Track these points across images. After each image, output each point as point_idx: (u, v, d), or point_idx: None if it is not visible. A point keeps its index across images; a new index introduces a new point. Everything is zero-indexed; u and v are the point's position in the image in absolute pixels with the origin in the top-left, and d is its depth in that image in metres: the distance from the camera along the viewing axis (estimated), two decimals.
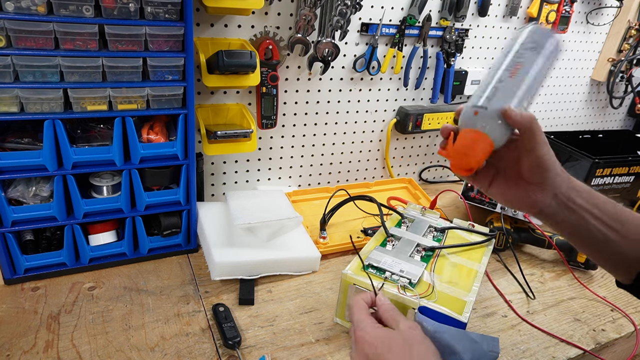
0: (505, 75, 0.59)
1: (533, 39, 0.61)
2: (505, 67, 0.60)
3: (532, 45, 0.60)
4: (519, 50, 0.60)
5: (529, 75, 0.59)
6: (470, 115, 0.58)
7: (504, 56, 0.61)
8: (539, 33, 0.61)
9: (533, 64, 0.60)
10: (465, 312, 0.73)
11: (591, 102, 1.76)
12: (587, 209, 0.57)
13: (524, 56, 0.60)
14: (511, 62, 0.60)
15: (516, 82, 0.58)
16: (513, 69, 0.59)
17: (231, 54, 0.90)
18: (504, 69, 0.60)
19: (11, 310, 0.81)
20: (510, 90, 0.58)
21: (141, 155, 0.86)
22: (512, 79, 0.58)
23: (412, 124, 1.31)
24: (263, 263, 0.93)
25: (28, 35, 0.72)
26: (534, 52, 0.60)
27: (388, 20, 1.19)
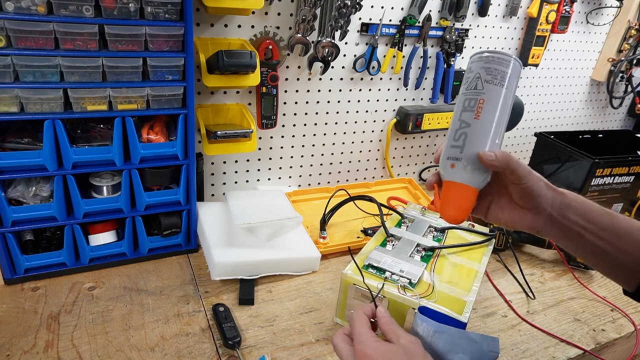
0: (470, 117, 0.58)
1: (489, 68, 0.58)
2: (468, 106, 0.58)
3: (490, 77, 0.58)
4: (477, 85, 0.58)
5: (495, 111, 0.58)
6: (447, 168, 0.59)
7: (464, 94, 0.60)
8: (493, 60, 0.58)
9: (496, 97, 0.58)
10: (465, 312, 0.73)
11: (591, 102, 1.76)
12: (582, 225, 0.58)
13: (484, 91, 0.58)
14: (473, 100, 0.58)
15: (482, 122, 0.57)
16: (476, 108, 0.58)
17: (231, 54, 0.90)
18: (468, 110, 0.58)
19: (11, 310, 0.81)
20: (478, 133, 0.57)
21: (141, 155, 0.86)
22: (478, 120, 0.57)
23: (412, 124, 1.31)
24: (263, 263, 0.93)
25: (28, 35, 0.72)
26: (494, 83, 0.58)
27: (388, 20, 1.19)
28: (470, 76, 0.60)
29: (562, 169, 1.29)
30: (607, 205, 1.27)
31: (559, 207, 0.58)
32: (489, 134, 0.58)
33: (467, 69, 0.61)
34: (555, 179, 1.30)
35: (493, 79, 0.58)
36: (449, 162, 0.59)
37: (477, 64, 0.59)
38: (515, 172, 0.55)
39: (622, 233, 0.57)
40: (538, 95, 1.60)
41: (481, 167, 0.57)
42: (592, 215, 0.58)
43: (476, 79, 0.59)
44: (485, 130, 0.58)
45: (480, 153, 0.56)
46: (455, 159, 0.58)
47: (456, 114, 0.60)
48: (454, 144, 0.59)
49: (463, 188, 0.58)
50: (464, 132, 0.58)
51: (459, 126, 0.59)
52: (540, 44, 1.42)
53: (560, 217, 0.58)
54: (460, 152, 0.58)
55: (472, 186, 0.58)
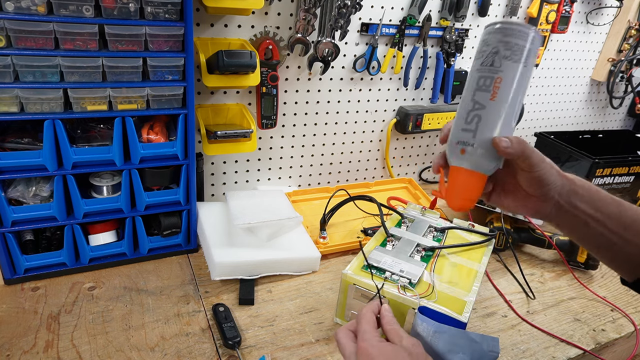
0: (485, 97, 0.52)
1: (508, 43, 0.52)
2: (483, 85, 0.53)
3: (509, 53, 0.52)
4: (495, 61, 0.52)
5: (512, 91, 0.52)
6: (457, 153, 0.55)
7: (478, 71, 0.54)
8: (512, 33, 0.52)
9: (514, 75, 0.52)
10: (465, 312, 0.73)
11: (591, 102, 1.76)
12: (589, 214, 0.56)
13: (502, 68, 0.52)
14: (489, 79, 0.53)
15: (498, 104, 0.52)
16: (493, 87, 0.52)
17: (231, 54, 0.90)
18: (483, 90, 0.53)
19: (11, 310, 0.81)
20: (494, 116, 0.52)
21: (141, 155, 0.86)
22: (494, 102, 0.52)
23: (412, 124, 1.31)
24: (263, 263, 0.93)
25: (28, 35, 0.72)
26: (513, 60, 0.52)
27: (388, 20, 1.19)
28: (486, 50, 0.53)
29: (562, 169, 1.29)
30: None
31: (566, 194, 0.56)
32: (505, 117, 0.53)
33: (482, 42, 0.54)
34: None
35: (512, 54, 0.52)
36: (459, 147, 0.54)
37: (495, 36, 0.53)
38: (529, 159, 0.53)
39: (628, 222, 0.55)
40: (538, 95, 1.60)
41: (494, 153, 0.53)
42: (599, 203, 0.56)
43: (493, 55, 0.52)
44: (502, 113, 0.53)
45: (496, 139, 0.52)
46: (466, 144, 0.53)
47: (468, 93, 0.54)
48: (465, 127, 0.53)
49: (473, 175, 0.54)
50: (478, 114, 0.53)
51: (472, 107, 0.53)
52: None
53: (567, 205, 0.56)
54: (472, 137, 0.53)
55: (482, 173, 0.54)
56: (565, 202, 0.56)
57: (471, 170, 0.54)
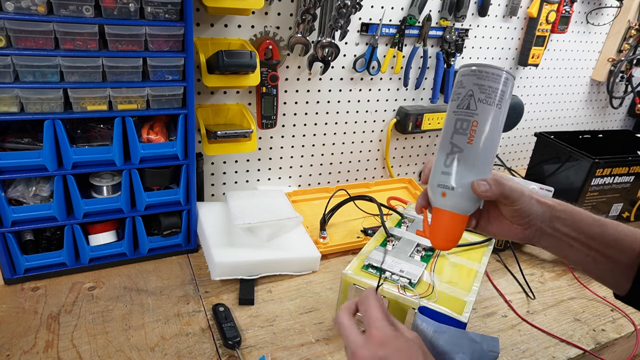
0: (462, 140, 0.53)
1: (482, 86, 0.53)
2: (460, 128, 0.54)
3: (483, 96, 0.53)
4: (470, 104, 0.53)
5: (488, 133, 0.53)
6: (438, 196, 0.56)
7: (455, 113, 0.54)
8: (486, 76, 0.53)
9: (489, 118, 0.53)
10: (465, 312, 0.73)
11: (591, 102, 1.76)
12: (572, 236, 0.58)
13: (477, 111, 0.53)
14: (465, 122, 0.53)
15: (476, 147, 0.53)
16: (470, 131, 0.53)
17: (231, 54, 0.90)
18: (460, 132, 0.54)
19: (11, 310, 0.81)
20: (472, 159, 0.54)
21: (141, 155, 0.86)
22: (471, 145, 0.53)
23: (412, 124, 1.31)
24: (263, 263, 0.93)
25: (28, 35, 0.72)
26: (487, 103, 0.53)
27: (388, 20, 1.19)
28: (461, 92, 0.54)
29: (562, 169, 1.29)
30: (607, 206, 1.28)
31: (548, 219, 0.58)
32: (483, 160, 0.54)
33: (456, 83, 0.56)
34: (555, 179, 1.30)
35: (487, 97, 0.53)
36: (440, 189, 0.55)
37: (469, 78, 0.54)
38: (509, 198, 0.55)
39: (610, 241, 0.58)
40: (538, 95, 1.60)
41: (474, 195, 0.55)
42: (581, 224, 0.58)
43: (469, 97, 0.54)
44: (479, 156, 0.54)
45: (475, 184, 0.54)
46: (446, 187, 0.55)
47: (446, 135, 0.55)
48: (445, 170, 0.55)
49: (455, 217, 0.56)
50: (456, 157, 0.54)
51: (450, 150, 0.54)
52: (540, 44, 1.42)
53: (550, 229, 0.58)
54: (452, 180, 0.54)
55: (464, 215, 0.56)
56: (547, 227, 0.58)
57: (453, 213, 0.56)
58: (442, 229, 0.57)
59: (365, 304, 0.58)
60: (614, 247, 0.58)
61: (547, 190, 1.08)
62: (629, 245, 0.58)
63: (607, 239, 0.58)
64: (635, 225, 1.37)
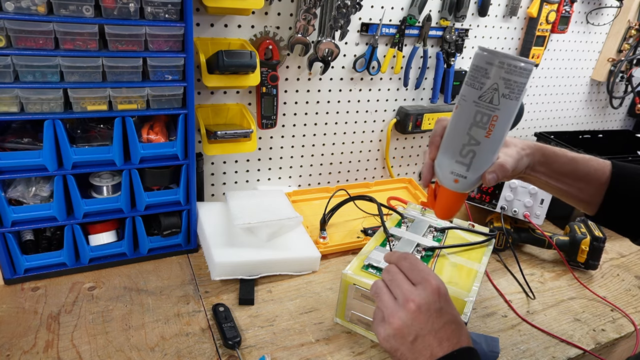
0: (480, 134, 0.54)
1: (509, 80, 0.52)
2: (480, 122, 0.54)
3: (507, 91, 0.52)
4: (494, 98, 0.52)
5: (506, 128, 0.55)
6: (450, 181, 0.59)
7: (475, 104, 0.53)
8: (515, 71, 0.51)
9: (510, 113, 0.54)
10: (465, 312, 0.73)
11: (591, 102, 1.76)
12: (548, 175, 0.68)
13: (500, 107, 0.53)
14: (486, 116, 0.53)
15: (492, 141, 0.55)
16: (489, 125, 0.54)
17: (231, 54, 0.90)
18: (479, 126, 0.54)
19: (11, 310, 0.81)
20: (488, 153, 0.56)
21: (141, 155, 0.86)
22: (489, 139, 0.54)
23: (412, 124, 1.31)
24: (263, 263, 0.93)
25: (28, 35, 0.72)
26: (511, 98, 0.52)
27: (388, 20, 1.18)
28: (485, 83, 0.52)
29: None
30: None
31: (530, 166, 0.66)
32: (496, 152, 0.57)
33: (479, 68, 0.53)
34: None
35: (511, 92, 0.52)
36: (453, 176, 0.58)
37: (496, 70, 0.52)
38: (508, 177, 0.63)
39: (581, 176, 0.68)
40: (538, 95, 1.60)
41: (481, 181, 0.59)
42: (555, 165, 0.67)
43: (493, 91, 0.52)
44: (494, 149, 0.57)
45: (487, 176, 0.58)
46: (459, 176, 0.58)
47: (464, 125, 0.55)
48: (460, 160, 0.57)
49: (461, 196, 0.60)
50: (473, 149, 0.56)
51: (467, 141, 0.55)
52: (540, 44, 1.42)
53: (531, 172, 0.67)
54: (466, 170, 0.57)
55: (468, 193, 0.61)
56: (529, 171, 0.67)
57: (460, 194, 0.60)
58: (448, 205, 0.61)
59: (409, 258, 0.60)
60: (584, 180, 0.68)
61: None
62: (597, 178, 0.68)
63: (579, 174, 0.68)
64: None
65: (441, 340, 0.52)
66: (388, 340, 0.55)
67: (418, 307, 0.54)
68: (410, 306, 0.54)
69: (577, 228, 1.10)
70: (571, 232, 1.10)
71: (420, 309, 0.53)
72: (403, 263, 0.59)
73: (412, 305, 0.54)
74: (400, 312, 0.54)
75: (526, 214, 1.10)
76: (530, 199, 1.09)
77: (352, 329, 0.84)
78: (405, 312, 0.54)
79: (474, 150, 0.56)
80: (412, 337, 0.53)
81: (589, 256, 1.06)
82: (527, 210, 1.10)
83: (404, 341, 0.53)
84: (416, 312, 0.53)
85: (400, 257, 0.61)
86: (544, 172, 0.67)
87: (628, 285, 1.05)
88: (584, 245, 1.05)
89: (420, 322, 0.53)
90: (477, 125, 0.54)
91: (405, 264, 0.59)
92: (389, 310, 0.55)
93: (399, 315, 0.54)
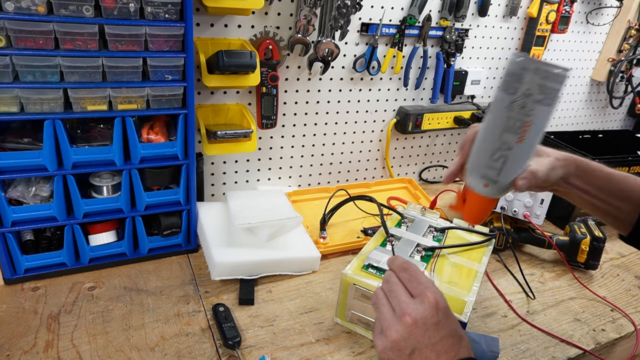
0: (512, 139, 0.54)
1: (544, 86, 0.51)
2: (512, 127, 0.53)
3: (542, 97, 0.51)
4: (527, 104, 0.52)
5: (539, 134, 0.55)
6: (480, 185, 0.59)
7: (508, 109, 0.53)
8: (550, 77, 0.51)
9: (544, 119, 0.53)
10: (465, 312, 0.73)
11: (591, 102, 1.76)
12: (583, 189, 0.67)
13: (534, 112, 0.52)
14: (519, 122, 0.53)
15: (525, 146, 0.55)
16: (522, 131, 0.53)
17: (231, 54, 0.90)
18: (512, 132, 0.54)
19: (11, 310, 0.81)
20: (520, 158, 0.56)
21: (141, 155, 0.86)
22: (521, 145, 0.54)
23: (412, 124, 1.31)
24: (263, 263, 0.93)
25: (28, 35, 0.72)
26: (545, 104, 0.52)
27: (388, 20, 1.19)
28: (518, 88, 0.52)
29: None
30: None
31: (565, 177, 0.65)
32: (528, 156, 0.57)
33: (513, 73, 0.53)
34: None
35: (545, 98, 0.52)
36: (483, 181, 0.58)
37: (532, 77, 0.51)
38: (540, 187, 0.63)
39: (616, 192, 0.67)
40: None
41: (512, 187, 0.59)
42: (591, 178, 0.66)
43: (527, 97, 0.52)
44: (526, 155, 0.57)
45: (518, 182, 0.58)
46: (490, 180, 0.58)
47: (496, 129, 0.55)
48: (490, 165, 0.57)
49: (491, 201, 0.61)
50: (504, 155, 0.55)
51: (498, 146, 0.56)
52: (540, 44, 1.42)
53: (565, 185, 0.66)
54: (497, 175, 0.57)
55: (498, 197, 0.62)
56: (563, 183, 0.66)
57: (490, 199, 0.60)
58: (477, 209, 0.62)
59: (409, 269, 0.59)
60: (620, 197, 0.67)
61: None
62: (633, 196, 0.67)
63: (614, 190, 0.67)
64: None
65: (439, 354, 0.52)
66: (386, 352, 0.54)
67: (414, 321, 0.53)
68: (406, 320, 0.53)
69: (577, 228, 1.10)
70: (571, 232, 1.10)
71: (417, 323, 0.53)
72: (403, 275, 0.59)
73: (409, 319, 0.53)
74: (397, 325, 0.54)
75: (526, 214, 1.10)
76: (530, 199, 1.09)
77: (352, 329, 0.84)
78: (402, 326, 0.54)
79: (506, 155, 0.55)
80: (409, 350, 0.53)
81: (589, 256, 1.06)
82: (527, 210, 1.10)
83: (402, 354, 0.53)
84: (412, 326, 0.53)
85: (401, 267, 0.60)
86: (578, 185, 0.66)
87: (628, 285, 1.05)
88: (584, 245, 1.05)
89: (417, 336, 0.53)
90: (509, 131, 0.54)
91: (405, 275, 0.59)
92: (386, 322, 0.55)
93: (396, 328, 0.54)
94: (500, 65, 1.45)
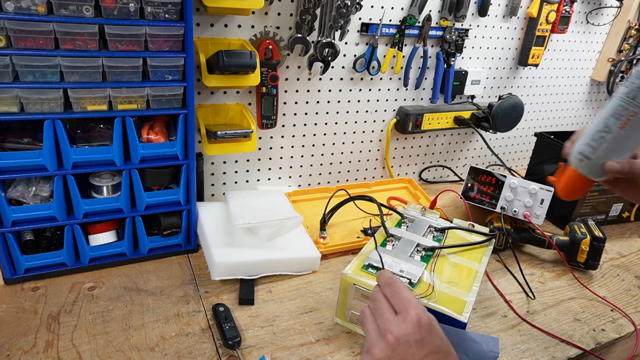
0: (614, 124, 0.59)
1: None
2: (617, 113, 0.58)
3: None
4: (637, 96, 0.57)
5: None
6: (576, 161, 0.65)
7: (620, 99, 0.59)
8: None
9: None
10: (465, 312, 0.73)
11: (591, 102, 1.76)
12: None
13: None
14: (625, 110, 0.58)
15: (624, 134, 0.59)
16: (625, 119, 0.58)
17: (231, 54, 0.90)
18: (616, 117, 0.58)
19: (11, 310, 0.81)
20: (616, 143, 0.60)
21: (141, 155, 0.86)
22: (622, 131, 0.59)
23: (412, 124, 1.31)
24: (263, 263, 0.93)
25: (28, 35, 0.72)
26: None
27: (388, 20, 1.19)
28: (635, 83, 0.58)
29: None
30: (606, 206, 1.28)
31: None
32: (625, 145, 0.60)
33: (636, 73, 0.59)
34: None
35: None
36: (579, 156, 0.63)
37: None
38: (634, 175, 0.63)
39: None
40: (538, 95, 1.60)
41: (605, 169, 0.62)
42: None
43: (638, 90, 0.57)
44: (623, 143, 0.60)
45: (608, 164, 0.61)
46: (585, 157, 0.63)
47: (605, 112, 0.60)
48: (590, 143, 0.62)
49: (583, 179, 0.65)
50: (604, 136, 0.60)
51: (601, 127, 0.60)
52: (540, 44, 1.42)
53: None
54: (592, 153, 0.62)
55: (591, 178, 0.64)
56: None
57: (583, 176, 0.65)
58: (570, 184, 0.67)
59: (393, 285, 0.59)
60: None
61: (547, 190, 1.08)
62: None
63: None
64: (635, 225, 1.37)
65: None
66: None
67: (396, 339, 0.53)
68: (388, 338, 0.53)
69: (577, 228, 1.10)
70: (571, 232, 1.10)
71: (399, 341, 0.53)
72: (387, 290, 0.58)
73: (391, 337, 0.53)
74: (381, 343, 0.54)
75: (526, 214, 1.10)
76: (530, 199, 1.09)
77: (352, 329, 0.84)
78: (385, 344, 0.53)
79: (605, 138, 0.60)
80: None
81: (589, 256, 1.06)
82: (527, 210, 1.10)
83: None
84: (395, 344, 0.53)
85: (385, 282, 0.59)
86: None
87: (628, 285, 1.05)
88: (584, 245, 1.05)
89: (400, 354, 0.52)
90: (614, 116, 0.59)
91: (389, 291, 0.58)
92: (371, 341, 0.55)
93: (379, 346, 0.54)
94: (500, 65, 1.45)
